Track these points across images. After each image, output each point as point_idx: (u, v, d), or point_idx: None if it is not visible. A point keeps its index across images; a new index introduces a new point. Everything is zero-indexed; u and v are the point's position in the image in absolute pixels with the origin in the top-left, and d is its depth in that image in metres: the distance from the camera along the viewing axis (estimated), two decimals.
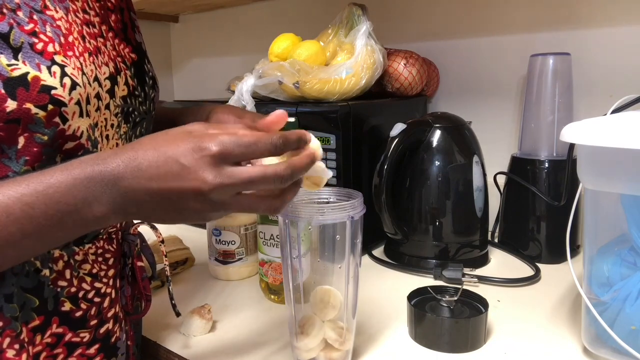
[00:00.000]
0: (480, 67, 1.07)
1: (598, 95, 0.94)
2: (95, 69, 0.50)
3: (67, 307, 0.50)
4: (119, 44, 0.58)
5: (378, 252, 0.95)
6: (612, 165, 0.54)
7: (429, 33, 1.12)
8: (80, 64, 0.48)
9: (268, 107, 0.95)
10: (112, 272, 0.56)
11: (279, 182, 0.43)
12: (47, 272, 0.49)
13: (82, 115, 0.48)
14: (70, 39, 0.48)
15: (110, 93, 0.53)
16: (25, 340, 0.47)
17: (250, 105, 0.94)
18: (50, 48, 0.45)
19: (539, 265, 0.85)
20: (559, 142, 0.85)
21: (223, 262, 0.85)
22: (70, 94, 0.46)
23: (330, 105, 0.87)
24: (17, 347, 0.46)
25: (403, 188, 0.88)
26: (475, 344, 0.62)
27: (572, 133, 0.54)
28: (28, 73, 0.43)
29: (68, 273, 0.51)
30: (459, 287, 0.69)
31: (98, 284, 0.54)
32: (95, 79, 0.50)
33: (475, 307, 0.65)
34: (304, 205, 0.55)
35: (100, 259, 0.54)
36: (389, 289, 0.80)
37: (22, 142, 0.44)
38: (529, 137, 0.93)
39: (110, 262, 0.56)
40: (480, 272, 0.84)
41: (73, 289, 0.51)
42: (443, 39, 1.11)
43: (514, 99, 1.04)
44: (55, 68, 0.45)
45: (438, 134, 0.86)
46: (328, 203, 0.58)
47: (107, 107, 0.52)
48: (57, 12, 0.48)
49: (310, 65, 0.92)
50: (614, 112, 0.63)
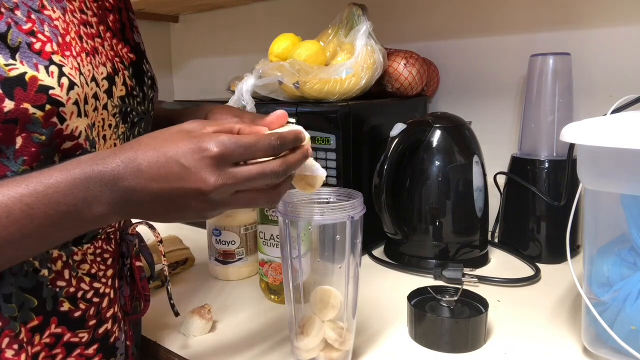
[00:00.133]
0: (480, 67, 1.07)
1: (598, 95, 0.94)
2: (93, 69, 0.50)
3: (65, 307, 0.50)
4: (117, 44, 0.58)
5: (378, 252, 0.95)
6: (612, 165, 0.54)
7: (429, 33, 1.12)
8: (78, 64, 0.48)
9: (268, 107, 0.94)
10: (110, 272, 0.56)
11: (275, 177, 0.45)
12: (45, 272, 0.49)
13: (80, 115, 0.47)
14: (68, 39, 0.48)
15: (108, 93, 0.53)
16: (24, 340, 0.47)
17: (250, 105, 0.94)
18: (48, 48, 0.45)
19: (539, 265, 0.85)
20: (559, 142, 0.84)
21: (223, 262, 0.85)
22: (68, 94, 0.46)
23: (330, 105, 0.87)
24: (15, 347, 0.46)
25: (403, 188, 0.88)
26: (475, 344, 0.62)
27: (572, 133, 0.54)
28: (26, 73, 0.43)
29: (67, 273, 0.50)
30: (459, 287, 0.69)
31: (97, 284, 0.54)
32: (93, 79, 0.50)
33: (475, 307, 0.65)
34: (304, 205, 0.55)
35: (99, 259, 0.54)
36: (389, 289, 0.80)
37: (19, 142, 0.44)
38: (529, 137, 0.93)
39: (109, 262, 0.56)
40: (480, 272, 0.84)
41: (72, 289, 0.51)
42: (443, 39, 1.11)
43: (514, 99, 1.04)
44: (53, 68, 0.45)
45: (438, 134, 0.86)
46: (328, 203, 0.58)
47: (104, 107, 0.52)
48: (54, 12, 0.48)
49: (310, 65, 0.91)
50: (614, 112, 0.63)
